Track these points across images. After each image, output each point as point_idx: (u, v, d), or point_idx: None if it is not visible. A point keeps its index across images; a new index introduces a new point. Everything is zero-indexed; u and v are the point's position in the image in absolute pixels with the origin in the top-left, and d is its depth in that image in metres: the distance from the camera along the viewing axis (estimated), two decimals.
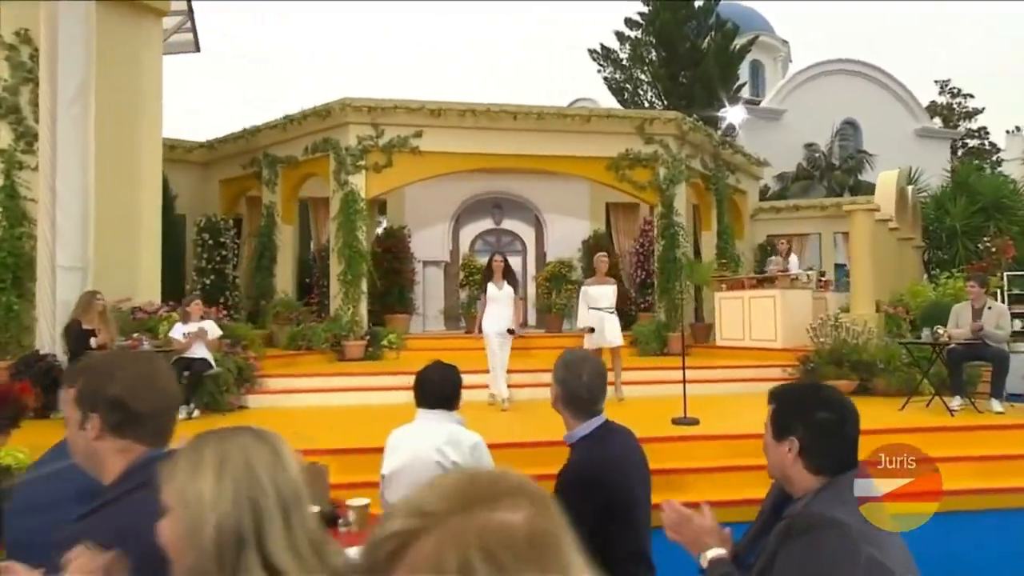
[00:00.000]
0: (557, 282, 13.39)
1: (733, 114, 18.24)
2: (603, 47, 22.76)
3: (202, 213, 12.13)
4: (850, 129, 24.28)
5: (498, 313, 7.28)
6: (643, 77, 21.81)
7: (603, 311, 7.50)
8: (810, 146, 22.65)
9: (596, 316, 7.47)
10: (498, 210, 14.58)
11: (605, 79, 22.84)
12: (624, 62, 22.31)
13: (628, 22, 22.14)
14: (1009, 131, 26.49)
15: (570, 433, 2.39)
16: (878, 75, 24.98)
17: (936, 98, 30.32)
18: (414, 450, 2.72)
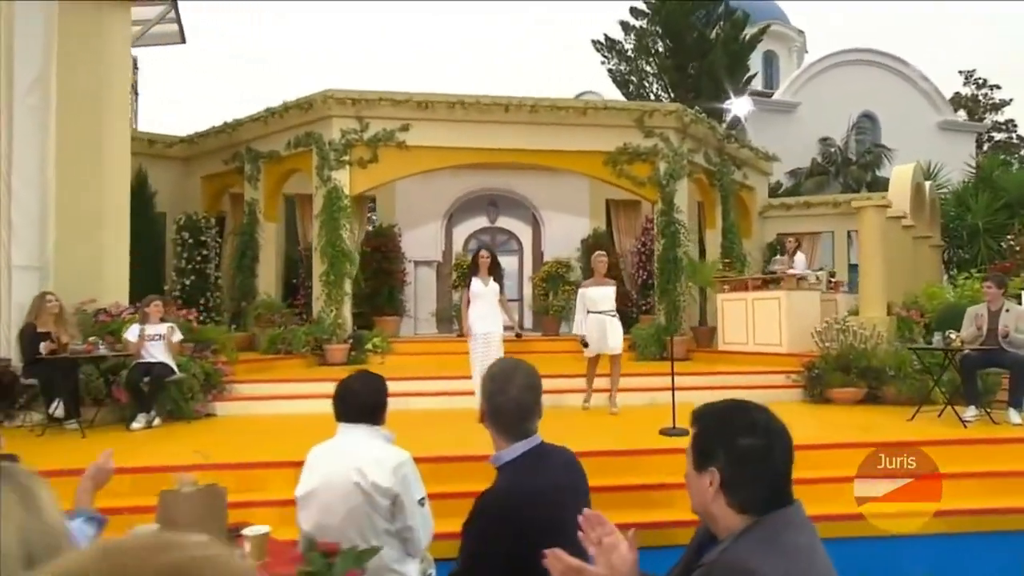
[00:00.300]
0: (554, 283, 12.87)
1: (738, 106, 17.42)
2: (607, 38, 22.20)
3: (183, 211, 11.73)
4: (868, 122, 23.39)
5: (484, 312, 6.73)
6: (649, 69, 21.25)
7: (604, 314, 6.90)
8: (825, 140, 21.88)
9: (597, 320, 6.86)
10: (493, 207, 14.05)
11: (609, 71, 22.29)
12: (629, 53, 21.72)
13: (634, 11, 21.57)
14: None
15: (496, 455, 2.13)
16: (898, 65, 24.03)
17: (960, 89, 29.32)
18: (330, 470, 2.49)
